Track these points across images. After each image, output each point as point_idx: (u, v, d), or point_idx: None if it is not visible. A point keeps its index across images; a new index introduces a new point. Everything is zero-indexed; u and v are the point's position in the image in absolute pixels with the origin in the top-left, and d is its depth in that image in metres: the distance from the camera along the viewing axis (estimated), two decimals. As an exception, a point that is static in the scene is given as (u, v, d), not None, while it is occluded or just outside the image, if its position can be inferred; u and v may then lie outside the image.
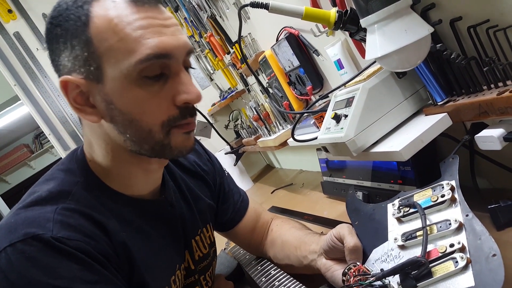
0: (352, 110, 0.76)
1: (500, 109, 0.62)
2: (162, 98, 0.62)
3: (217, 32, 1.95)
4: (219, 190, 0.97)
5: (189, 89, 0.63)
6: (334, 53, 1.07)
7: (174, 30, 0.62)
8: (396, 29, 0.62)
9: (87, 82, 0.61)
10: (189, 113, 0.65)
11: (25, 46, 2.54)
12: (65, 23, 0.60)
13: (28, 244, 0.56)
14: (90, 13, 0.59)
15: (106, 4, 0.60)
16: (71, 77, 0.61)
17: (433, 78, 0.73)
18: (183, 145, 0.66)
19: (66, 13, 0.60)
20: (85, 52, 0.60)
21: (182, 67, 0.64)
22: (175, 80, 0.63)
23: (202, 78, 2.60)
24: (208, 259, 0.88)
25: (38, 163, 5.20)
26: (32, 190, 0.66)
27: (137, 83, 0.60)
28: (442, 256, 0.57)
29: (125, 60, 0.59)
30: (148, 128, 0.63)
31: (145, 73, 0.60)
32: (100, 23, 0.59)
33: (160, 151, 0.65)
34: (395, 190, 0.95)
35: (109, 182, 0.69)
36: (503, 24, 0.64)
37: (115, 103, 0.61)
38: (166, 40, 0.60)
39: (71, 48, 0.61)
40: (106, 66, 0.60)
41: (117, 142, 0.66)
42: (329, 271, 0.77)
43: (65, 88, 0.62)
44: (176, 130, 0.65)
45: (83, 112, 0.64)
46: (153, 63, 0.59)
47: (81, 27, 0.59)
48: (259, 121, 1.71)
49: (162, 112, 0.63)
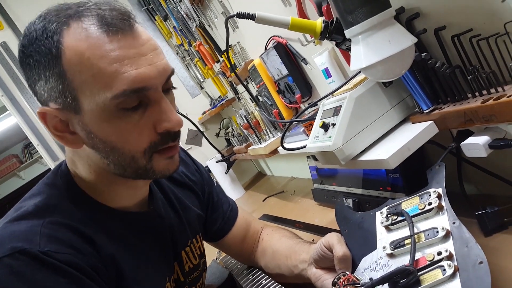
0: (340, 119, 0.77)
1: (484, 116, 0.63)
2: (142, 127, 0.61)
3: (206, 41, 1.96)
4: (208, 200, 0.97)
5: (169, 117, 0.61)
6: (322, 62, 1.08)
7: (152, 57, 0.59)
8: (380, 40, 0.62)
9: (65, 112, 0.60)
10: (171, 138, 0.64)
11: (13, 56, 2.51)
12: (36, 54, 0.58)
13: (15, 258, 0.55)
14: (61, 44, 0.56)
15: (77, 34, 0.57)
16: (48, 108, 0.61)
17: (419, 86, 0.74)
18: (166, 169, 0.66)
19: (36, 43, 0.58)
20: (59, 84, 0.58)
21: (162, 95, 0.62)
22: (155, 108, 0.61)
23: (193, 86, 2.60)
24: (198, 270, 0.87)
25: (27, 173, 5.14)
26: (19, 206, 0.65)
27: (115, 115, 0.59)
28: (430, 264, 0.57)
29: (101, 95, 0.57)
30: (131, 155, 0.62)
31: (122, 106, 0.58)
32: (72, 56, 0.56)
33: (143, 174, 0.65)
34: (385, 197, 0.96)
35: (95, 196, 0.68)
36: (486, 34, 0.65)
37: (95, 133, 0.60)
38: (143, 73, 0.58)
39: (45, 79, 0.59)
40: (82, 98, 0.58)
41: (100, 165, 0.65)
42: (319, 281, 0.77)
43: (44, 118, 0.62)
44: (157, 156, 0.64)
45: (64, 140, 0.63)
46: (130, 96, 0.58)
47: (53, 60, 0.57)
48: (249, 129, 1.71)
49: (144, 140, 0.62)
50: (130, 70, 0.57)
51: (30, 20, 0.62)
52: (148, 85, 0.59)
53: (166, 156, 0.65)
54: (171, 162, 0.66)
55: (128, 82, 0.57)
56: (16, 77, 2.53)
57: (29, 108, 2.55)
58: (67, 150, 0.70)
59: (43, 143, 2.57)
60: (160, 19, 2.38)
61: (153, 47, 0.61)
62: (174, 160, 0.67)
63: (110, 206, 0.70)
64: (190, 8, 1.86)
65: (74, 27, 0.57)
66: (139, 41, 0.59)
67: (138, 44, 0.59)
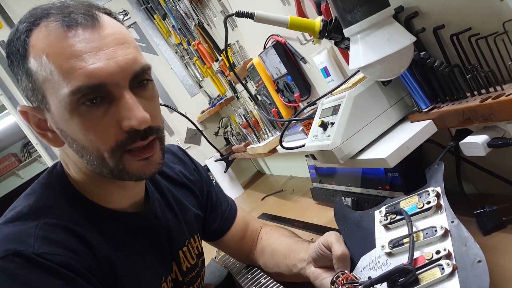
0: (339, 118, 0.77)
1: (483, 115, 0.63)
2: (106, 125, 0.59)
3: (205, 40, 1.96)
4: (207, 200, 0.97)
5: (131, 114, 0.58)
6: (321, 60, 1.08)
7: (113, 51, 0.57)
8: (378, 38, 0.62)
9: (40, 110, 0.61)
10: (140, 136, 0.61)
11: (12, 55, 2.51)
12: (11, 55, 0.60)
13: (9, 260, 0.54)
14: (27, 44, 0.58)
15: (40, 33, 0.57)
16: (27, 106, 0.62)
17: (418, 85, 0.74)
18: (141, 171, 0.63)
19: (11, 44, 0.60)
20: (29, 83, 0.59)
21: (126, 90, 0.59)
22: (119, 104, 0.59)
23: (191, 85, 2.60)
24: (196, 269, 0.87)
25: (26, 172, 5.13)
26: (13, 206, 0.65)
27: (77, 112, 0.58)
28: (428, 263, 0.57)
29: (61, 91, 0.56)
30: (100, 154, 0.61)
31: (82, 101, 0.57)
32: (35, 54, 0.57)
33: (119, 175, 0.63)
34: (383, 196, 0.96)
35: (89, 196, 0.68)
36: (485, 32, 0.65)
37: (65, 131, 0.60)
38: (100, 68, 0.56)
39: (20, 79, 0.61)
40: (48, 96, 0.59)
41: (82, 164, 0.65)
42: (318, 279, 0.77)
43: (25, 116, 0.63)
44: (128, 157, 0.62)
45: (46, 138, 0.64)
46: (88, 93, 0.57)
47: (21, 60, 0.59)
48: (248, 128, 1.71)
49: (109, 138, 0.60)
50: (86, 65, 0.56)
51: None
52: (106, 81, 0.57)
53: (139, 157, 0.62)
54: (147, 164, 0.63)
55: (83, 78, 0.55)
56: (15, 76, 2.52)
57: (28, 107, 2.54)
58: (59, 151, 0.70)
59: (42, 142, 2.57)
60: (159, 18, 2.38)
61: (119, 41, 0.59)
62: (151, 162, 0.64)
63: (105, 206, 0.69)
64: (189, 7, 1.86)
65: (41, 26, 0.58)
66: (101, 35, 0.58)
67: (98, 38, 0.57)
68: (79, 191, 0.68)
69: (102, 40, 0.57)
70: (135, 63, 0.60)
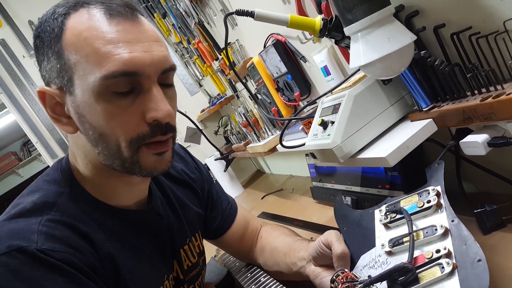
0: (339, 117, 0.77)
1: (483, 115, 0.63)
2: (131, 114, 0.60)
3: (205, 39, 1.96)
4: (207, 198, 0.97)
5: (158, 106, 0.60)
6: (321, 59, 1.08)
7: (149, 45, 0.59)
8: (379, 37, 0.62)
9: (61, 93, 0.61)
10: (161, 131, 0.62)
11: (11, 53, 2.51)
12: (43, 34, 0.61)
13: (12, 256, 0.54)
14: (64, 25, 0.59)
15: (81, 16, 0.59)
16: (47, 88, 0.62)
17: (418, 84, 0.74)
18: (153, 166, 0.64)
19: (44, 24, 0.61)
20: (58, 64, 0.60)
21: (154, 84, 0.61)
22: (146, 96, 0.60)
23: (191, 84, 2.60)
24: (197, 268, 0.87)
25: (26, 171, 5.13)
26: (16, 202, 0.65)
27: (105, 98, 0.58)
28: (428, 262, 0.57)
29: (92, 75, 0.57)
30: (117, 144, 0.61)
31: (112, 89, 0.58)
32: (71, 36, 0.58)
33: (130, 168, 0.63)
34: (383, 195, 0.96)
35: (94, 193, 0.68)
36: (485, 31, 0.65)
37: (85, 116, 0.60)
38: (136, 57, 0.58)
39: (47, 59, 0.61)
40: (76, 78, 0.59)
41: (93, 155, 0.65)
42: (317, 278, 0.77)
43: (42, 98, 0.63)
44: (145, 149, 0.62)
45: (59, 122, 0.64)
46: (120, 80, 0.58)
47: (54, 39, 0.59)
48: (248, 127, 1.71)
49: (131, 128, 0.60)
50: (123, 52, 0.57)
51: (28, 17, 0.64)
52: (140, 71, 0.58)
53: (155, 151, 0.63)
54: (159, 160, 0.64)
55: (119, 64, 0.57)
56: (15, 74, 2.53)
57: (28, 105, 2.55)
58: (70, 142, 0.70)
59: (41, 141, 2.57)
60: (159, 17, 2.37)
61: (154, 38, 0.61)
62: (163, 158, 0.65)
63: (109, 204, 0.69)
64: (189, 6, 1.85)
65: (80, 12, 0.59)
66: (139, 29, 0.60)
67: (137, 31, 0.60)
68: (84, 188, 0.68)
69: (141, 34, 0.60)
70: (167, 60, 0.62)
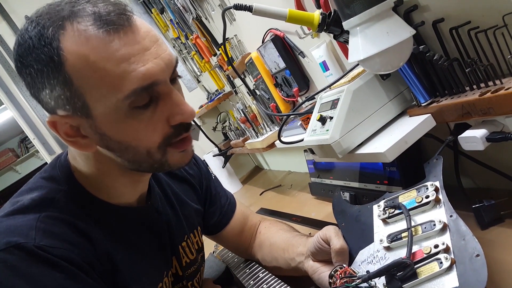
0: (337, 112, 0.76)
1: (482, 110, 0.63)
2: (155, 122, 0.60)
3: (203, 34, 1.95)
4: (206, 194, 0.97)
5: (182, 109, 0.60)
6: (319, 55, 1.07)
7: (156, 50, 0.58)
8: (378, 31, 0.62)
9: (75, 118, 0.59)
10: (184, 129, 0.63)
11: (8, 49, 2.49)
12: (37, 64, 0.55)
13: (10, 253, 0.54)
14: (62, 51, 0.54)
15: (76, 37, 0.54)
16: (57, 116, 0.59)
17: (417, 79, 0.74)
18: (181, 161, 0.66)
19: (35, 52, 0.55)
20: (67, 92, 0.56)
21: (171, 87, 0.60)
22: (167, 101, 0.60)
23: (189, 80, 2.59)
24: (195, 264, 0.87)
25: (24, 167, 5.13)
26: (15, 200, 0.65)
27: (128, 115, 0.57)
28: (427, 257, 0.57)
29: (112, 96, 0.55)
30: (146, 151, 0.61)
31: (134, 105, 0.57)
32: (76, 61, 0.54)
33: (159, 167, 0.65)
34: (382, 190, 0.96)
35: (93, 191, 0.68)
36: (484, 26, 0.64)
37: (109, 135, 0.59)
38: (151, 68, 0.56)
39: (50, 88, 0.57)
40: (91, 102, 0.56)
41: (107, 160, 0.65)
42: (316, 273, 0.77)
43: (55, 127, 0.60)
44: (171, 149, 0.63)
45: (76, 144, 0.62)
46: (141, 94, 0.57)
47: (56, 68, 0.55)
48: (246, 123, 1.71)
49: (158, 135, 0.61)
50: (138, 67, 0.55)
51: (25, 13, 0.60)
52: (157, 80, 0.57)
53: (180, 149, 0.65)
54: (185, 155, 0.66)
55: (138, 80, 0.55)
56: (12, 70, 2.51)
57: (25, 102, 2.54)
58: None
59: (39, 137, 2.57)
60: (156, 12, 2.36)
61: (155, 39, 0.59)
62: (188, 152, 0.67)
63: (108, 201, 0.69)
64: (186, 1, 1.84)
65: (71, 30, 0.54)
66: (141, 35, 0.57)
67: (141, 39, 0.56)
68: (82, 185, 0.67)
69: (143, 41, 0.57)
70: (173, 58, 0.60)
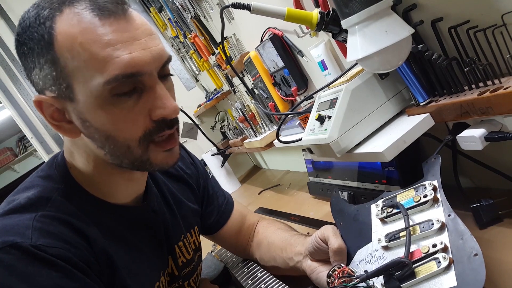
0: (336, 111, 0.76)
1: (481, 109, 0.63)
2: (137, 114, 0.59)
3: (202, 33, 1.94)
4: (203, 193, 0.96)
5: (164, 103, 0.60)
6: (318, 54, 1.07)
7: (146, 42, 0.58)
8: (377, 30, 0.62)
9: (60, 100, 0.59)
10: (167, 125, 0.62)
11: (6, 48, 2.49)
12: (30, 41, 0.57)
13: (6, 252, 0.54)
14: (53, 30, 0.55)
15: (69, 19, 0.55)
16: (44, 97, 0.60)
17: (415, 78, 0.73)
18: (164, 162, 0.65)
19: (29, 30, 0.57)
20: (53, 71, 0.57)
21: (157, 80, 0.60)
22: (150, 94, 0.60)
23: (188, 79, 2.59)
24: (192, 264, 0.87)
25: (22, 166, 5.12)
26: (11, 199, 0.64)
27: (109, 101, 0.57)
28: (425, 257, 0.57)
29: (94, 80, 0.56)
30: (126, 144, 0.61)
31: (115, 92, 0.57)
32: (65, 41, 0.55)
33: (140, 165, 0.64)
34: (380, 190, 0.96)
35: (90, 189, 0.67)
36: (483, 25, 0.64)
37: (90, 121, 0.59)
38: (136, 57, 0.56)
39: (39, 67, 0.58)
40: (75, 85, 0.57)
41: (98, 155, 0.64)
42: (314, 273, 0.77)
43: (40, 107, 0.61)
44: (154, 147, 0.63)
45: (61, 129, 0.62)
46: (123, 82, 0.56)
47: (46, 46, 0.56)
48: (245, 122, 1.71)
49: (138, 128, 0.60)
50: (123, 54, 0.55)
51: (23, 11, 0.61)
52: (142, 70, 0.57)
53: (164, 148, 0.64)
54: (169, 155, 0.65)
55: (120, 66, 0.55)
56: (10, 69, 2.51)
57: (23, 101, 2.53)
58: (65, 140, 0.69)
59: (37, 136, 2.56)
60: (155, 11, 2.36)
61: (148, 32, 0.59)
62: (173, 152, 0.65)
63: (105, 200, 0.69)
64: None
65: (67, 13, 0.56)
66: (133, 25, 0.58)
67: (132, 28, 0.57)
68: (79, 183, 0.67)
69: (135, 31, 0.57)
70: (164, 53, 0.60)
